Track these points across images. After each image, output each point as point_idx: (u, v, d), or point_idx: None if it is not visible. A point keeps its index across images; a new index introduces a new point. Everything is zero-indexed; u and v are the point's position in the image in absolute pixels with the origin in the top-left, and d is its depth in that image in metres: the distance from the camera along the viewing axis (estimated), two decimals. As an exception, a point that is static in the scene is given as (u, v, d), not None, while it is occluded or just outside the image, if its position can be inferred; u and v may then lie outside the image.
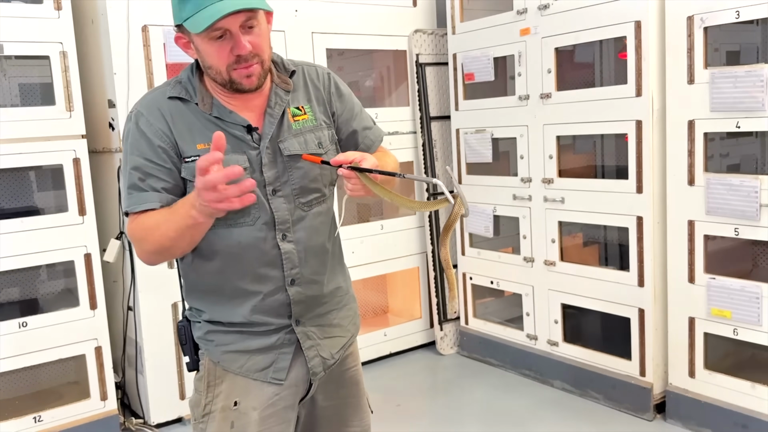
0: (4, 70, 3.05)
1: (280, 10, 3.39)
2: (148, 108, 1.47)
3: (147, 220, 1.42)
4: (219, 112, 1.47)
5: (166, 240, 1.39)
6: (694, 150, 2.75)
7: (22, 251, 2.83)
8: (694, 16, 2.68)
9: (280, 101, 1.53)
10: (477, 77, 3.64)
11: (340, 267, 1.70)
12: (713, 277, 2.73)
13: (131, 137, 1.47)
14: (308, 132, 1.55)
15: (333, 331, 1.64)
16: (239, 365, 1.54)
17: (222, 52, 1.40)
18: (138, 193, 1.43)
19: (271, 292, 1.52)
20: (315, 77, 1.62)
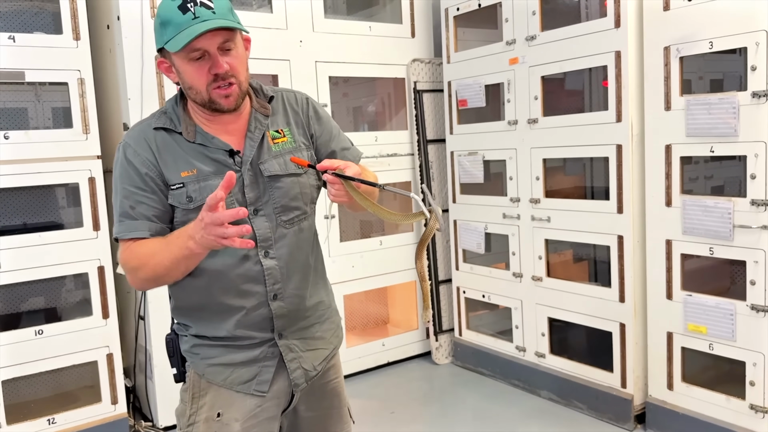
0: (39, 95, 3.08)
1: (285, 41, 3.41)
2: (135, 139, 1.46)
3: (140, 249, 1.40)
4: (202, 139, 1.46)
5: (161, 269, 1.38)
6: (671, 173, 2.70)
7: (41, 263, 2.84)
8: (671, 46, 2.65)
9: (259, 125, 1.52)
10: (470, 103, 3.62)
11: (323, 282, 1.67)
12: (690, 294, 2.67)
13: (120, 167, 1.46)
14: (287, 153, 1.53)
15: (316, 343, 1.61)
16: (223, 378, 1.51)
17: (201, 71, 1.38)
18: (129, 221, 1.42)
19: (255, 307, 1.50)
20: (294, 102, 1.61)
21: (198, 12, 1.34)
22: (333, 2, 4.03)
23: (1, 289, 2.85)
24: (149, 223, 1.42)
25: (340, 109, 4.10)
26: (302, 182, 1.54)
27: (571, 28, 3.00)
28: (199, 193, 1.43)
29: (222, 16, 1.36)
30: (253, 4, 3.48)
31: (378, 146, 3.77)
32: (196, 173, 1.44)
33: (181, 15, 1.34)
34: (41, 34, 2.84)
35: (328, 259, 3.58)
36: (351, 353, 3.75)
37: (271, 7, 3.37)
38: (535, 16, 3.17)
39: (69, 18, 2.84)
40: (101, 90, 3.12)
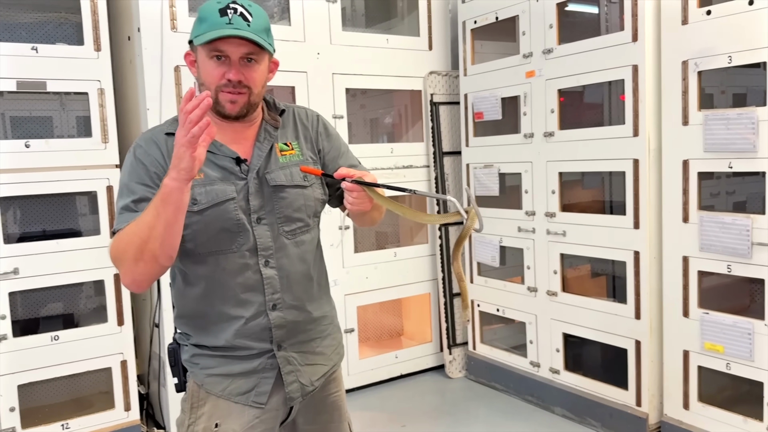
0: (64, 104, 3.14)
1: (303, 53, 3.43)
2: (146, 142, 1.50)
3: (123, 231, 1.37)
4: (211, 146, 1.47)
5: (144, 233, 1.30)
6: (688, 188, 2.67)
7: (59, 270, 2.88)
8: (689, 60, 2.62)
9: (268, 136, 1.55)
10: (486, 116, 3.61)
11: (326, 297, 1.67)
12: (707, 312, 2.62)
13: (129, 166, 1.49)
14: (294, 166, 1.55)
15: (315, 358, 1.60)
16: (222, 388, 1.52)
17: (217, 71, 1.43)
18: (128, 213, 1.42)
19: (253, 316, 1.50)
20: (304, 117, 1.64)
21: (234, 20, 1.40)
22: (352, 15, 4.06)
23: (20, 294, 2.89)
24: None
25: (357, 121, 4.11)
26: (307, 195, 1.55)
27: (588, 41, 2.99)
28: (204, 196, 1.45)
29: (254, 31, 1.41)
30: (274, 16, 3.51)
31: (394, 158, 3.77)
32: (203, 177, 1.46)
33: (218, 17, 1.40)
34: (63, 45, 2.89)
35: (342, 270, 3.59)
36: (363, 365, 3.74)
37: (289, 19, 3.41)
38: (552, 29, 3.16)
39: (90, 29, 2.89)
40: (121, 100, 3.17)
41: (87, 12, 2.88)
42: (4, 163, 2.75)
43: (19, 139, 2.82)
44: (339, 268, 3.60)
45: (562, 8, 3.16)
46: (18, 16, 2.92)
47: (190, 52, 1.50)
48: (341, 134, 3.62)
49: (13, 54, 2.75)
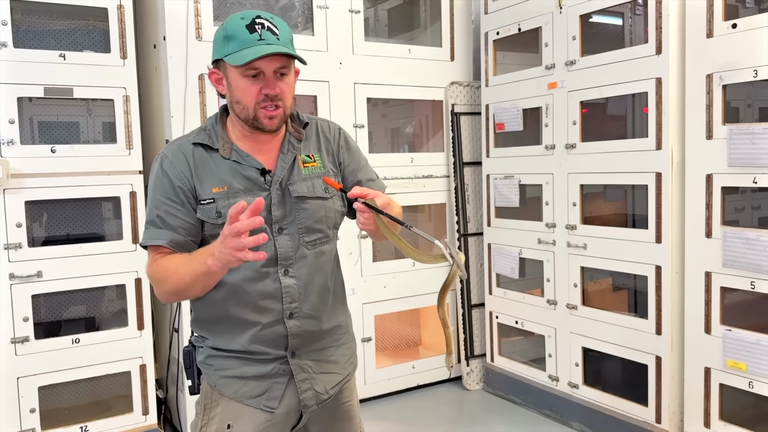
0: (90, 110, 3.20)
1: (325, 62, 3.46)
2: (174, 152, 1.52)
3: (166, 264, 1.45)
4: (237, 157, 1.52)
5: (182, 284, 1.42)
6: (711, 203, 2.64)
7: (81, 274, 2.93)
8: (713, 74, 2.60)
9: (292, 148, 1.58)
10: (507, 127, 3.61)
11: (342, 306, 1.70)
12: (729, 329, 2.59)
13: (155, 177, 1.52)
14: (316, 178, 1.58)
15: (330, 367, 1.62)
16: (234, 390, 1.54)
17: (253, 89, 1.45)
18: (154, 229, 1.48)
19: (270, 323, 1.53)
20: (326, 130, 1.67)
21: (264, 35, 1.42)
22: (375, 25, 4.09)
23: (43, 297, 2.94)
24: (172, 233, 1.47)
25: (377, 130, 4.13)
26: (327, 206, 1.58)
27: (612, 53, 2.98)
28: (228, 209, 1.45)
29: (284, 44, 1.44)
30: (298, 26, 3.55)
31: (414, 167, 3.78)
32: (226, 189, 1.49)
33: (248, 33, 1.42)
34: (90, 53, 2.96)
35: (360, 279, 3.61)
36: (380, 374, 3.74)
37: (312, 30, 3.44)
38: (575, 41, 3.15)
39: (117, 37, 2.95)
40: (145, 107, 3.23)
41: (114, 20, 2.95)
42: (31, 168, 2.81)
43: (46, 144, 2.89)
44: (357, 276, 3.61)
45: (585, 20, 3.16)
46: (47, 24, 2.99)
47: (216, 71, 1.51)
48: (361, 144, 3.67)
49: (41, 61, 2.82)
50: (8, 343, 2.79)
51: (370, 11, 3.96)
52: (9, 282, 2.78)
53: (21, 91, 2.79)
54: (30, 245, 2.84)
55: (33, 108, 3.00)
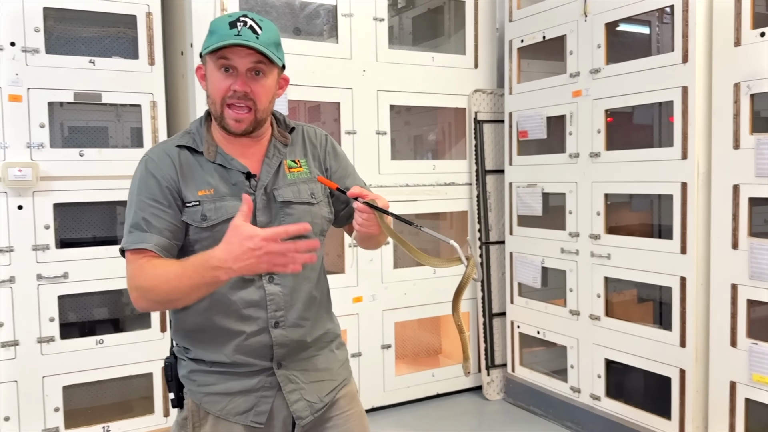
0: (119, 115, 3.27)
1: (349, 70, 3.50)
2: (158, 155, 1.49)
3: (153, 271, 1.38)
4: (222, 160, 1.50)
5: (176, 293, 1.35)
6: (738, 214, 2.60)
7: (106, 275, 2.99)
8: (741, 83, 2.57)
9: (277, 153, 1.56)
10: (530, 135, 3.61)
11: (328, 315, 1.67)
12: (756, 343, 2.55)
13: (139, 180, 1.47)
14: (302, 183, 1.57)
15: (320, 375, 1.59)
16: (220, 408, 1.51)
17: (223, 83, 1.44)
18: (138, 232, 1.42)
19: (255, 332, 1.49)
20: (313, 136, 1.66)
21: (243, 32, 1.41)
22: (399, 33, 4.13)
23: (69, 298, 3.01)
24: (158, 237, 1.42)
25: (400, 137, 4.15)
26: (314, 212, 1.56)
27: (637, 62, 2.96)
28: (214, 212, 1.46)
29: (262, 44, 1.42)
30: (323, 34, 3.60)
31: (436, 175, 3.79)
32: (213, 193, 1.47)
33: (228, 29, 1.42)
34: (119, 59, 3.03)
35: (381, 285, 3.62)
36: (400, 381, 3.74)
37: (337, 37, 3.48)
38: (600, 49, 3.14)
39: (145, 44, 3.02)
40: (172, 112, 3.29)
41: (143, 28, 3.02)
42: (60, 171, 2.89)
43: (74, 148, 2.96)
44: (378, 283, 3.63)
45: (610, 28, 3.14)
46: (78, 31, 3.07)
47: (201, 66, 1.51)
48: (383, 151, 3.68)
49: (72, 66, 2.90)
50: (34, 342, 2.86)
51: (394, 19, 3.99)
52: (36, 282, 2.85)
53: (52, 96, 2.87)
54: (57, 247, 2.91)
55: (63, 113, 3.08)
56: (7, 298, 2.81)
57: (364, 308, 3.61)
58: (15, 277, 2.82)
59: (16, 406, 2.83)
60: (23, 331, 2.84)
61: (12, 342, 2.81)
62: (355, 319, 3.57)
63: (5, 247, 2.80)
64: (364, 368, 3.61)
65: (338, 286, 3.45)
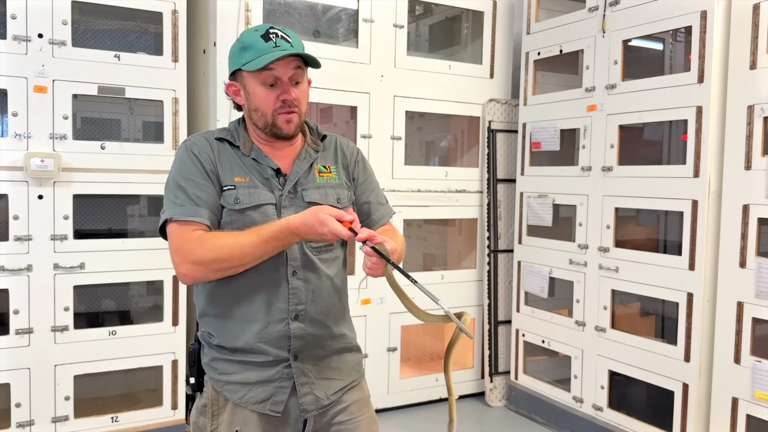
0: (132, 108, 3.34)
1: (367, 75, 3.57)
2: (200, 141, 1.60)
3: (221, 241, 1.47)
4: (256, 155, 1.60)
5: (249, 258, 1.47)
6: (747, 233, 2.68)
7: (121, 268, 3.06)
8: (755, 105, 2.65)
9: (308, 156, 1.66)
10: (543, 146, 3.68)
11: (345, 320, 1.74)
12: (759, 360, 2.62)
13: (181, 160, 1.57)
14: (330, 188, 1.66)
15: (331, 373, 1.66)
16: (240, 396, 1.58)
17: (271, 96, 1.55)
18: (191, 206, 1.50)
19: (275, 322, 1.57)
20: (345, 146, 1.76)
21: (279, 42, 1.52)
22: (416, 40, 4.20)
23: (84, 288, 3.07)
24: (209, 212, 1.52)
25: (413, 143, 4.23)
26: None
27: (653, 79, 3.04)
28: (247, 197, 1.55)
29: (299, 50, 1.54)
30: (340, 38, 3.67)
31: (447, 181, 3.87)
32: (249, 180, 1.57)
33: (263, 42, 1.52)
34: (143, 55, 3.10)
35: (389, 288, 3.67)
36: (404, 384, 3.81)
37: (357, 42, 3.56)
38: (617, 65, 3.22)
39: (170, 41, 3.09)
40: (192, 109, 3.36)
41: (168, 25, 3.09)
42: (81, 163, 2.95)
43: (96, 140, 3.02)
44: (386, 286, 3.67)
45: (628, 44, 3.22)
46: (104, 24, 3.14)
47: (233, 83, 1.60)
48: (397, 155, 3.75)
49: (97, 60, 2.97)
50: (48, 330, 2.92)
51: (412, 26, 4.07)
52: (53, 272, 2.92)
53: (76, 88, 2.94)
54: (75, 237, 2.97)
55: (84, 105, 3.14)
56: (24, 286, 2.87)
57: (371, 310, 3.68)
58: (32, 265, 2.88)
59: (27, 393, 2.89)
60: (38, 319, 2.90)
61: (26, 330, 2.88)
62: (362, 320, 3.64)
63: (24, 236, 2.86)
64: (370, 370, 3.68)
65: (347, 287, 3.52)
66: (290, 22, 3.50)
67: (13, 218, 2.84)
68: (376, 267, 1.48)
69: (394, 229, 1.78)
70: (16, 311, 2.86)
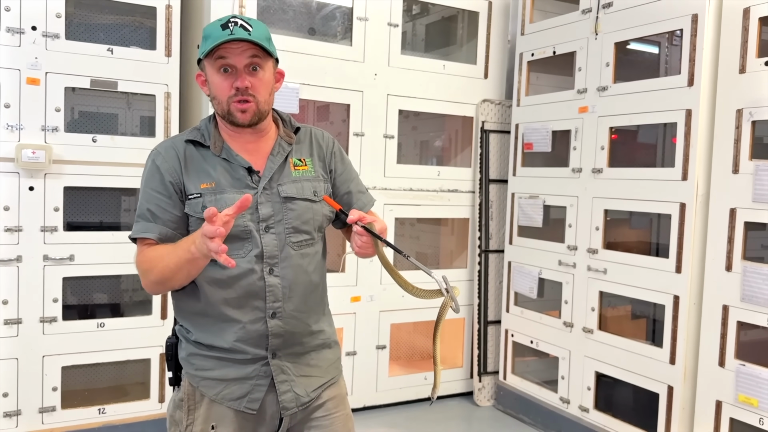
0: (130, 103, 3.35)
1: (361, 73, 3.58)
2: (166, 149, 1.59)
3: (151, 253, 1.51)
4: (227, 155, 1.59)
5: (167, 272, 1.47)
6: (734, 237, 2.68)
7: (111, 260, 3.06)
8: (743, 109, 2.65)
9: (282, 150, 1.64)
10: (535, 147, 3.68)
11: (324, 316, 1.73)
12: (743, 364, 2.62)
13: (147, 173, 1.59)
14: (306, 181, 1.65)
15: (310, 370, 1.65)
16: (216, 392, 1.58)
17: (225, 84, 1.53)
18: (144, 222, 1.54)
19: (252, 321, 1.56)
20: (320, 138, 1.74)
21: (235, 30, 1.51)
22: (412, 39, 4.20)
23: (73, 280, 3.08)
24: (161, 227, 1.53)
25: (407, 142, 4.23)
26: (315, 209, 1.64)
27: (644, 82, 3.04)
28: (214, 203, 1.53)
29: (256, 38, 1.51)
30: (337, 35, 3.68)
31: (440, 181, 3.87)
32: (214, 186, 1.56)
33: (221, 30, 1.51)
34: (137, 49, 3.10)
35: (379, 286, 3.69)
36: (392, 382, 3.81)
37: (351, 40, 3.56)
38: (608, 67, 3.22)
39: (163, 36, 3.10)
40: (184, 103, 3.37)
41: (162, 19, 3.09)
42: (72, 155, 2.96)
43: (87, 133, 3.03)
44: (376, 284, 3.70)
45: (620, 46, 3.22)
46: (98, 18, 3.15)
47: (201, 73, 1.60)
48: (390, 154, 3.75)
49: (90, 54, 2.98)
50: (37, 322, 2.93)
51: (408, 25, 4.07)
52: (43, 263, 2.92)
53: (69, 81, 2.95)
54: (66, 229, 2.98)
55: (76, 98, 3.15)
56: (13, 276, 2.88)
57: (361, 308, 3.68)
58: (22, 256, 2.89)
59: (15, 383, 2.90)
60: (27, 310, 2.91)
61: (15, 320, 2.88)
62: (352, 318, 3.64)
63: (14, 227, 2.87)
64: (358, 367, 3.69)
65: (337, 284, 3.53)
66: (284, 19, 3.50)
67: (4, 209, 2.85)
68: (365, 246, 1.49)
69: (376, 215, 1.78)
70: (5, 302, 2.86)
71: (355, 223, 1.48)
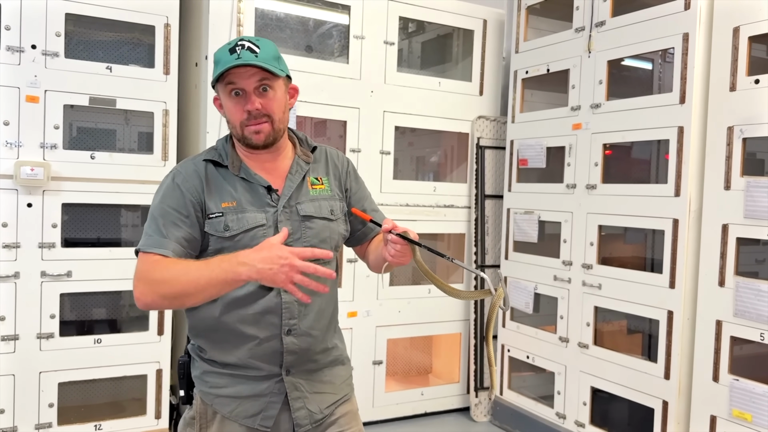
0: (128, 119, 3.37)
1: (357, 90, 3.61)
2: (187, 169, 1.59)
3: (172, 265, 1.45)
4: (245, 174, 1.60)
5: (191, 287, 1.41)
6: (726, 252, 2.70)
7: (108, 276, 3.07)
8: (735, 126, 2.68)
9: (300, 169, 1.66)
10: (530, 163, 3.71)
11: (336, 332, 1.76)
12: (737, 379, 2.63)
13: (165, 189, 1.57)
14: (323, 200, 1.67)
15: (323, 387, 1.66)
16: (230, 410, 1.58)
17: (237, 108, 1.55)
18: (158, 237, 1.49)
19: (267, 338, 1.57)
20: (335, 157, 1.77)
21: (242, 54, 1.51)
22: (408, 57, 4.24)
23: (70, 297, 3.09)
24: (176, 245, 1.49)
25: (403, 157, 4.26)
26: (332, 228, 1.67)
27: (636, 99, 3.08)
28: (236, 222, 1.54)
29: (261, 60, 1.52)
30: (334, 53, 3.71)
31: (436, 196, 3.89)
32: (235, 205, 1.56)
33: (229, 55, 1.52)
34: (135, 67, 3.13)
35: (376, 302, 3.70)
36: (389, 398, 3.81)
37: (347, 58, 3.60)
38: (601, 85, 3.25)
39: (162, 54, 3.13)
40: (183, 121, 3.40)
41: (160, 37, 3.13)
42: (70, 172, 2.98)
43: (86, 150, 3.05)
44: (373, 299, 3.71)
45: (613, 63, 3.26)
46: (97, 36, 3.18)
47: (218, 97, 1.61)
48: (386, 170, 3.77)
49: (89, 72, 3.01)
50: (34, 338, 2.93)
51: (404, 42, 4.11)
52: (40, 279, 2.93)
53: (68, 99, 2.97)
54: (64, 246, 2.99)
55: (73, 114, 3.16)
56: (11, 293, 2.88)
57: (358, 323, 3.69)
58: (20, 272, 2.90)
59: (11, 399, 2.89)
60: (24, 326, 2.91)
61: (12, 336, 2.89)
62: (348, 333, 3.64)
63: (12, 243, 2.88)
64: (355, 383, 3.63)
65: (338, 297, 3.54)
66: (282, 38, 3.54)
67: (2, 225, 2.86)
68: (400, 254, 1.50)
69: None
70: (2, 318, 2.87)
71: (389, 231, 1.50)
